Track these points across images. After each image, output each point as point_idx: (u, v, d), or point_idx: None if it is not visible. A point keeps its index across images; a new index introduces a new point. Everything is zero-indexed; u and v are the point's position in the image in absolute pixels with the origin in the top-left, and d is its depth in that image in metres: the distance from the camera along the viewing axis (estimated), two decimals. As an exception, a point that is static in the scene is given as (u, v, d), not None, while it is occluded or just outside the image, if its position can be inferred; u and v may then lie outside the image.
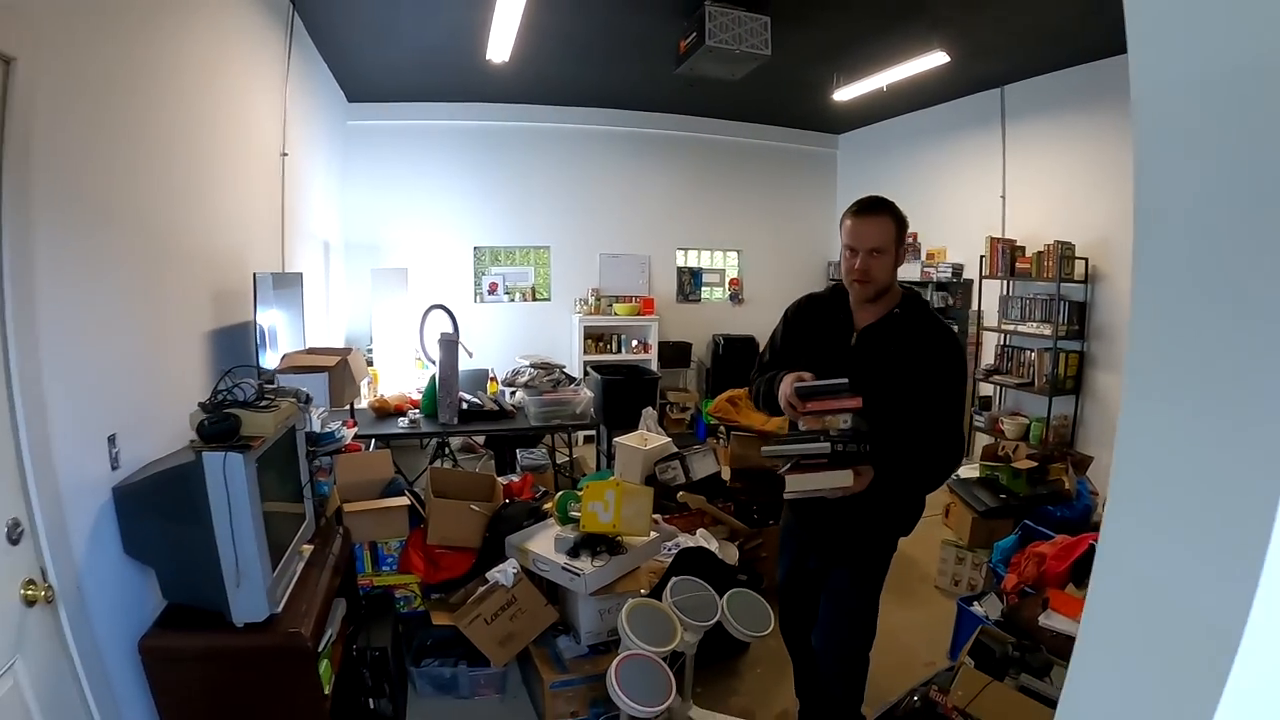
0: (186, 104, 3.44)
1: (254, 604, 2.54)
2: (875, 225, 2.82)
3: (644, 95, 8.56)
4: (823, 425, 2.70)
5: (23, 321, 2.07)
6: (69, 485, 2.27)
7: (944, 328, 2.91)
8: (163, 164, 3.14)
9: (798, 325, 3.12)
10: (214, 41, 3.87)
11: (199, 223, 3.53)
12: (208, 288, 3.62)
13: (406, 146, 8.56)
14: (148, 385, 2.90)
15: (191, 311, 3.43)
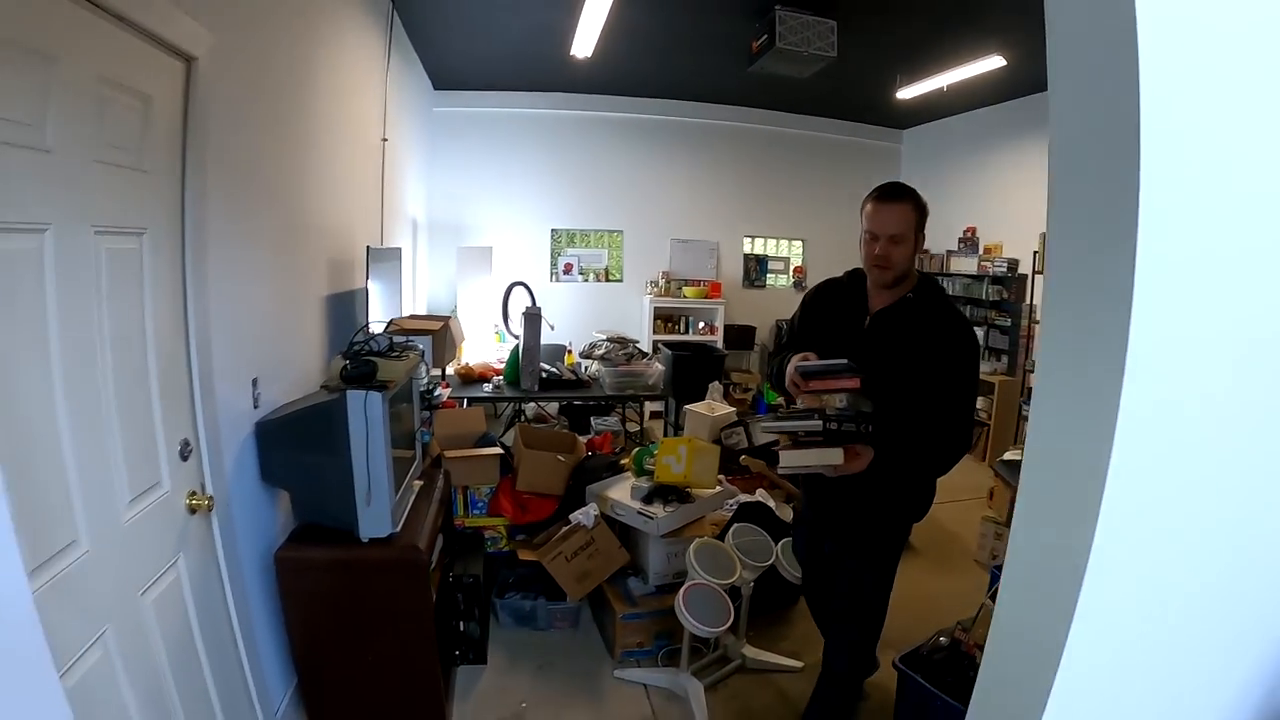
0: (314, 96, 3.91)
1: (379, 522, 2.99)
2: (896, 212, 2.85)
3: (716, 89, 8.84)
4: (820, 404, 2.81)
5: (197, 282, 2.53)
6: (224, 417, 2.74)
7: (957, 314, 2.95)
8: (298, 149, 3.62)
9: (815, 309, 3.18)
10: (335, 42, 4.33)
11: (319, 202, 3.98)
12: (325, 258, 4.08)
13: (488, 132, 8.93)
14: (281, 339, 3.38)
15: (314, 278, 3.89)
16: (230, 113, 2.76)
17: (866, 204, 2.90)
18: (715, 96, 9.24)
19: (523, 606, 4.33)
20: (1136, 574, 1.37)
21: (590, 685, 3.84)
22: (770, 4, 5.68)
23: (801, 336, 3.13)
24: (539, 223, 9.22)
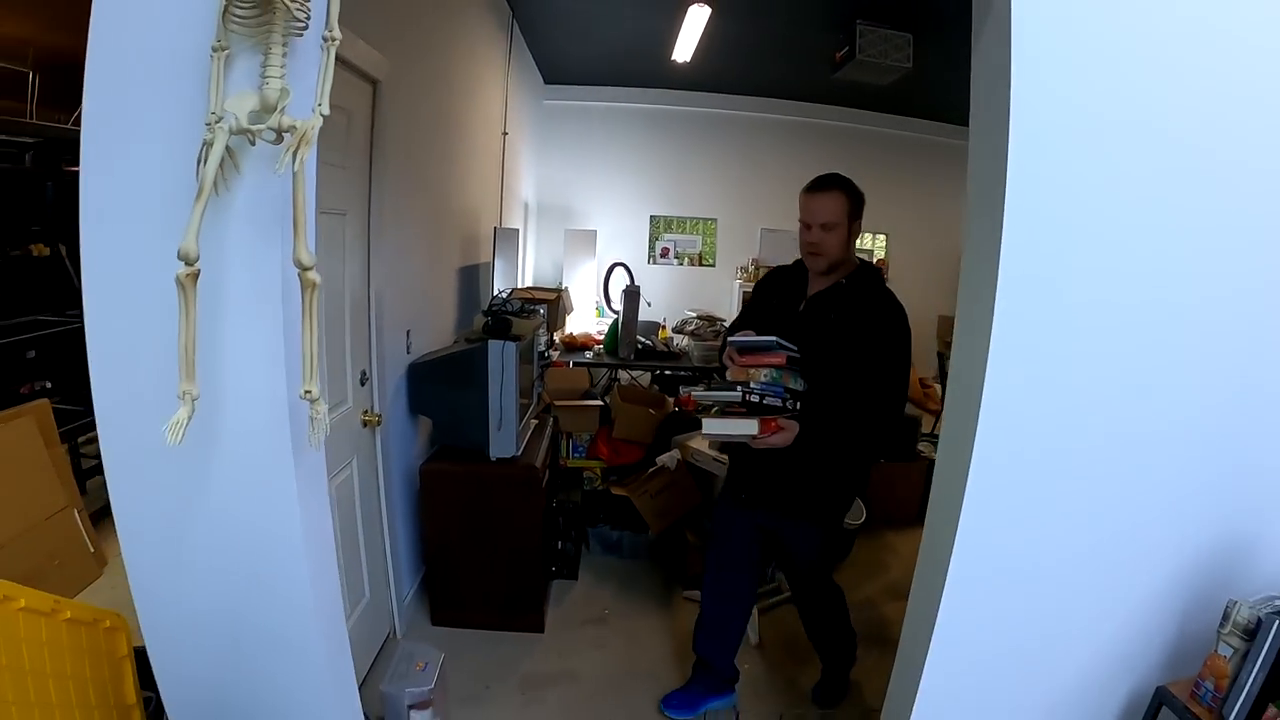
0: (455, 101, 4.73)
1: (506, 444, 3.79)
2: (827, 200, 2.97)
3: (803, 89, 9.36)
4: (746, 377, 2.88)
5: (377, 251, 3.40)
6: (389, 356, 3.57)
7: (888, 299, 3.03)
8: (442, 146, 4.43)
9: (762, 293, 3.36)
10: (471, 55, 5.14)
11: (455, 189, 4.79)
12: (459, 236, 4.89)
13: (593, 124, 9.62)
14: (426, 300, 4.21)
15: (450, 253, 4.71)
16: (399, 121, 3.58)
17: (802, 194, 3.04)
18: (802, 95, 9.72)
19: (610, 536, 5.08)
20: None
21: (662, 602, 4.52)
22: (852, 18, 6.26)
23: (745, 317, 3.37)
24: (639, 209, 9.88)
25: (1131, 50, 1.88)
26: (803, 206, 3.01)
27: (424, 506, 3.87)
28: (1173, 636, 2.34)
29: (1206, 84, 1.91)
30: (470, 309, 5.00)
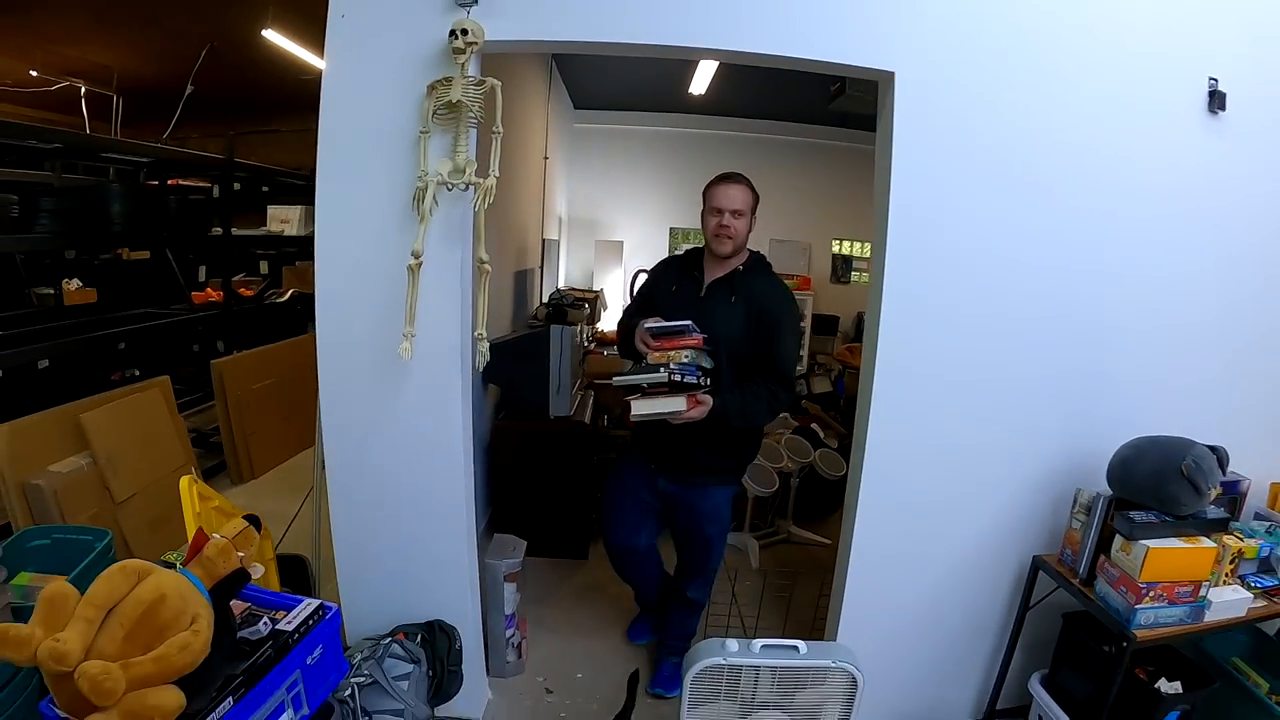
0: (515, 129, 5.71)
1: (562, 405, 4.88)
2: (737, 191, 3.33)
3: (803, 114, 10.11)
4: (666, 359, 3.10)
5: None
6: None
7: (780, 284, 3.45)
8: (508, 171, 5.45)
9: (659, 281, 3.62)
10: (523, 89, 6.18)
11: (513, 205, 5.79)
12: (513, 246, 5.93)
13: (619, 145, 10.36)
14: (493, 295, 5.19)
15: (509, 259, 5.73)
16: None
17: (709, 188, 3.41)
18: (804, 119, 10.40)
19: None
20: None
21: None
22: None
23: (643, 303, 3.60)
24: (660, 221, 10.61)
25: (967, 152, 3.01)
26: (714, 195, 3.35)
27: (494, 457, 4.94)
28: (1048, 520, 3.40)
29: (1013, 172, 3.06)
30: (521, 305, 6.02)
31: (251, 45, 7.13)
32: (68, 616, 1.71)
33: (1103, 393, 3.32)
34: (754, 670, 2.83)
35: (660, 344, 3.17)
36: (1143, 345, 3.31)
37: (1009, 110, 3.00)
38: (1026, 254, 3.13)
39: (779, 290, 3.44)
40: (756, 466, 5.28)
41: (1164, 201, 3.18)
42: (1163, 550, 2.75)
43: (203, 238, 7.32)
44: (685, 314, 3.23)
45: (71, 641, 1.65)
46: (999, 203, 3.08)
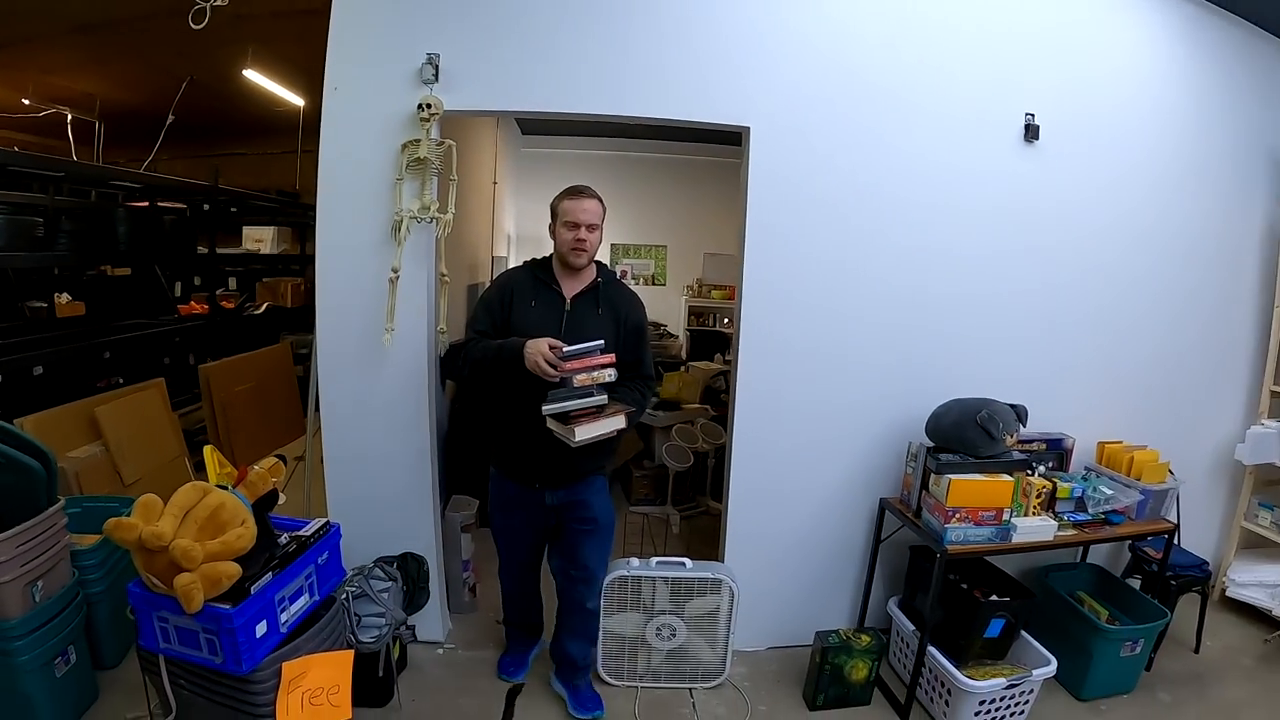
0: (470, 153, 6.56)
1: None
2: (593, 204, 3.45)
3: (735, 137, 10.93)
4: (591, 380, 3.14)
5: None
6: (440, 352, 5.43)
7: (632, 292, 3.65)
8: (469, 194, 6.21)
9: (513, 298, 3.49)
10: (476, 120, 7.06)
11: (466, 226, 6.56)
12: (466, 263, 6.75)
13: (564, 167, 10.57)
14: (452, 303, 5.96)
15: (462, 275, 6.53)
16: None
17: (562, 201, 3.50)
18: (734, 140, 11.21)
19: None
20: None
21: (621, 510, 6.24)
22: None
23: (501, 324, 3.49)
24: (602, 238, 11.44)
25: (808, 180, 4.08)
26: (570, 210, 3.43)
27: (451, 439, 5.75)
28: (893, 469, 4.44)
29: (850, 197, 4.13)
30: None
31: (230, 80, 7.85)
32: (158, 514, 2.62)
33: (933, 366, 4.36)
34: (651, 581, 3.79)
35: (575, 365, 3.14)
36: (966, 326, 4.41)
37: (845, 148, 4.11)
38: (866, 258, 4.21)
39: (635, 298, 3.64)
40: (675, 447, 6.20)
41: (986, 213, 4.33)
42: (964, 482, 3.76)
43: (190, 255, 8.13)
44: (553, 328, 3.33)
45: (166, 527, 2.57)
46: (839, 219, 4.16)
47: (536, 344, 3.16)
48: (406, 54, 3.68)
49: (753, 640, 4.45)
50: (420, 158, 3.66)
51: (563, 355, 3.15)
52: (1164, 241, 4.87)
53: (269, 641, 2.80)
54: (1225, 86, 4.91)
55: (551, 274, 3.56)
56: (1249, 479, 5.43)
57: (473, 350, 3.46)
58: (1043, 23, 4.30)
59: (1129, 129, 4.60)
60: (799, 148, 4.06)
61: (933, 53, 4.14)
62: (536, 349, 3.14)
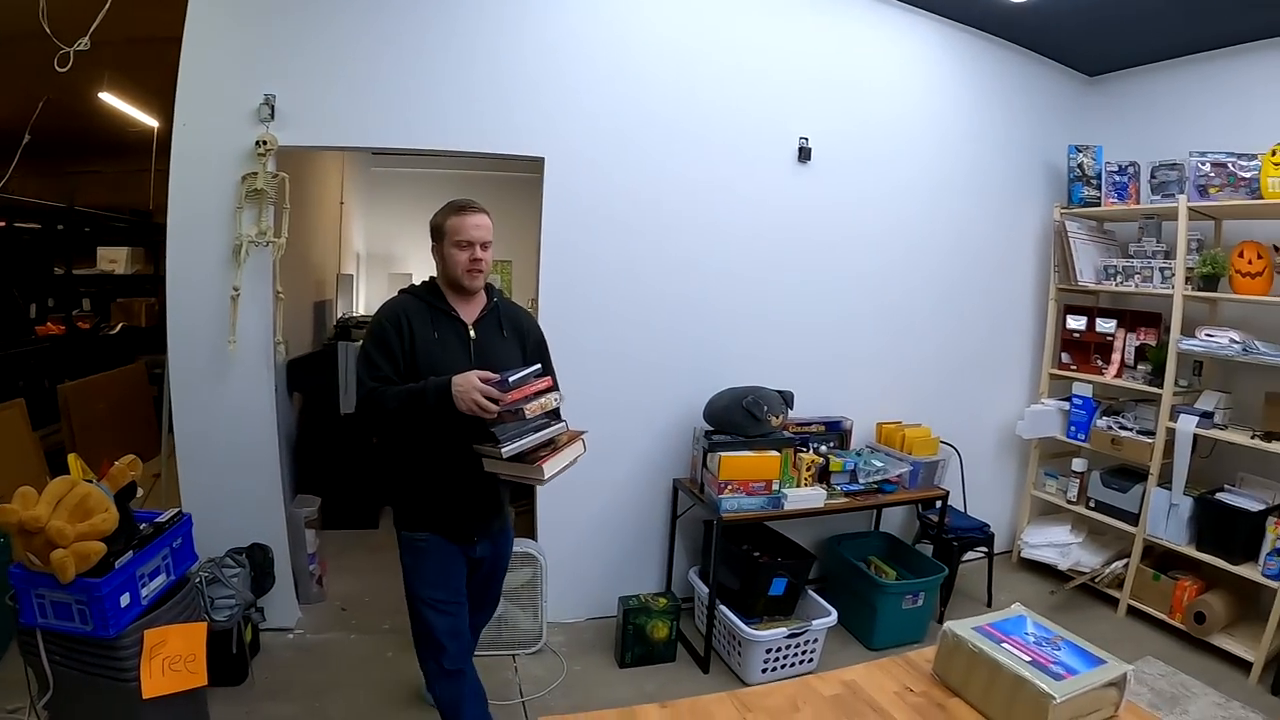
0: (315, 185, 6.97)
1: (350, 403, 6.11)
2: (485, 220, 3.13)
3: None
4: (542, 408, 2.95)
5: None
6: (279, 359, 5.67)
7: (522, 306, 3.52)
8: (306, 220, 6.62)
9: (408, 330, 3.02)
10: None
11: (310, 246, 6.96)
12: (312, 280, 7.11)
13: (412, 186, 10.69)
14: (296, 322, 6.37)
15: (308, 292, 6.91)
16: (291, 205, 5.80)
17: (449, 218, 3.10)
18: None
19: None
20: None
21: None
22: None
23: (404, 361, 3.00)
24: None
25: (598, 200, 4.72)
26: (460, 227, 3.06)
27: (300, 447, 6.16)
28: (686, 452, 5.04)
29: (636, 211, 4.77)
30: (320, 329, 7.19)
31: (87, 100, 7.89)
32: (35, 502, 3.05)
33: (715, 361, 5.00)
34: (472, 556, 4.26)
35: (514, 396, 2.81)
36: (745, 324, 5.10)
37: (633, 172, 4.80)
38: (653, 269, 4.86)
39: (528, 312, 3.52)
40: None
41: (765, 226, 5.07)
42: (733, 458, 4.40)
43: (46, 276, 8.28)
44: (463, 360, 2.97)
45: (42, 511, 2.99)
46: (628, 235, 4.82)
47: (466, 379, 2.76)
48: (247, 95, 4.12)
49: (570, 612, 4.99)
50: (258, 188, 4.11)
51: (504, 386, 2.79)
52: (946, 243, 5.77)
53: (132, 611, 3.23)
54: (1001, 104, 5.91)
55: (444, 299, 3.16)
56: (1034, 452, 6.33)
57: (387, 398, 2.88)
58: (818, 51, 5.12)
59: (906, 143, 5.49)
60: (591, 173, 4.71)
61: (716, 88, 4.88)
62: (468, 385, 2.74)
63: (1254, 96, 5.35)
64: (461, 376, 2.77)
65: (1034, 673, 1.77)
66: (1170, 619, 5.16)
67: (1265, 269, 4.83)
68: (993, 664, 1.85)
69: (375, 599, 5.20)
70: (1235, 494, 5.02)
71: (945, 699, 1.93)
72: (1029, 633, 2.01)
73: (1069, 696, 1.71)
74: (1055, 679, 1.75)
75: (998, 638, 1.95)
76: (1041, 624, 2.07)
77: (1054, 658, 1.87)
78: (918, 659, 2.09)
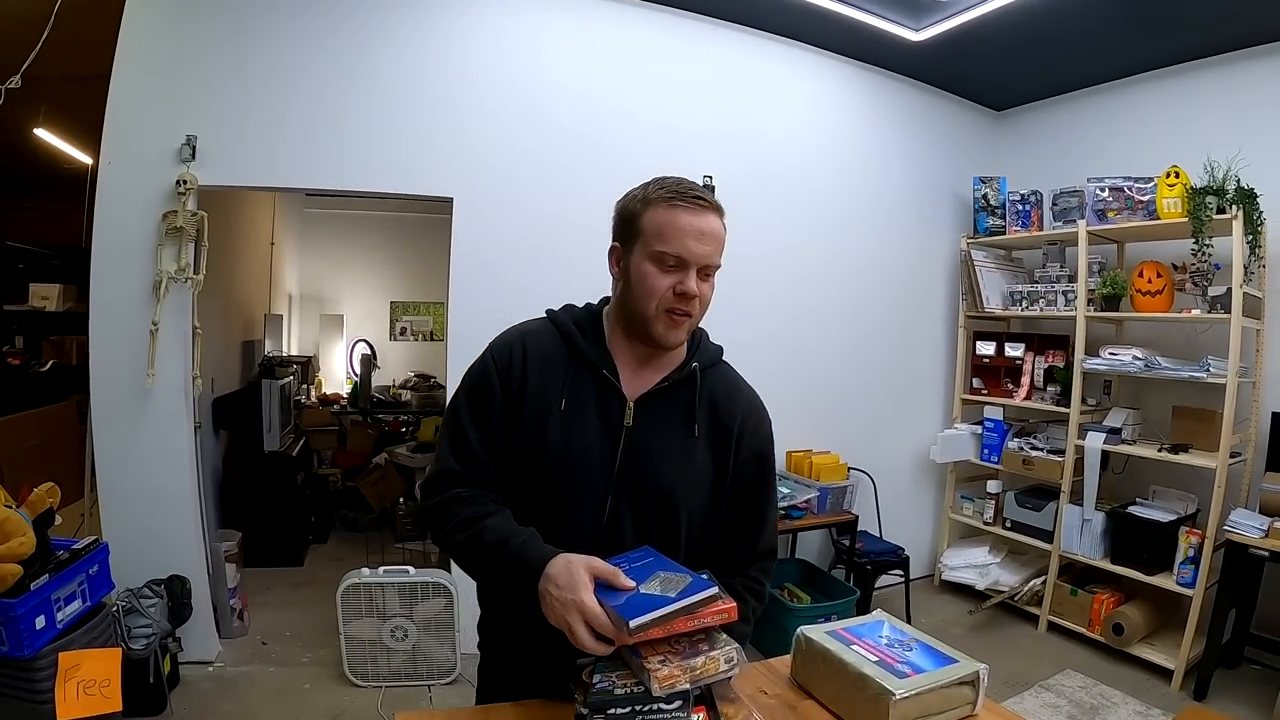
0: (238, 221, 7.07)
1: (273, 441, 6.25)
2: (716, 224, 1.78)
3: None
4: (691, 676, 1.45)
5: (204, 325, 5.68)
6: (204, 396, 5.55)
7: (749, 387, 2.04)
8: (237, 260, 6.77)
9: (524, 394, 1.81)
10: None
11: (240, 286, 7.06)
12: (241, 319, 7.20)
13: (346, 228, 11.26)
14: (224, 360, 6.48)
15: (236, 331, 7.00)
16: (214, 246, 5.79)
17: (654, 207, 1.75)
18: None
19: (348, 516, 7.58)
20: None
21: (386, 549, 6.86)
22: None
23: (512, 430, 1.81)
24: (381, 296, 11.59)
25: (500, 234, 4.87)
26: (671, 227, 1.73)
27: (225, 485, 6.22)
28: None
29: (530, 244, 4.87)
30: (248, 367, 7.15)
31: (21, 135, 7.86)
32: (-46, 529, 3.14)
33: None
34: (381, 587, 4.37)
35: (652, 637, 1.44)
36: None
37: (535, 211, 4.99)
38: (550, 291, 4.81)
39: (755, 397, 2.04)
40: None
41: None
42: None
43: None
44: (603, 462, 1.78)
45: (-40, 536, 3.09)
46: (534, 271, 4.94)
47: (571, 575, 1.51)
48: (170, 134, 4.27)
49: (488, 641, 5.01)
50: (178, 226, 4.24)
51: (630, 625, 1.40)
52: (854, 276, 6.07)
53: (47, 634, 3.31)
54: (909, 139, 6.30)
55: (603, 345, 1.88)
56: (950, 476, 6.57)
57: (454, 524, 1.73)
58: (724, 91, 5.45)
59: (812, 179, 5.84)
60: (498, 214, 4.95)
61: (620, 131, 5.15)
62: (572, 590, 1.48)
63: (1149, 124, 5.79)
64: (567, 566, 1.53)
65: (878, 671, 1.81)
66: (1090, 632, 5.39)
67: (1165, 287, 5.14)
68: (840, 664, 1.89)
69: (296, 633, 5.23)
70: (1147, 507, 5.29)
71: (798, 701, 1.96)
72: (883, 635, 2.05)
73: (911, 693, 1.74)
74: (899, 676, 1.79)
75: (849, 640, 1.99)
76: (899, 628, 2.10)
77: (902, 658, 1.90)
78: (778, 664, 2.12)
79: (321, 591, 5.57)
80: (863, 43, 5.68)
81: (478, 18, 4.85)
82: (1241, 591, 4.84)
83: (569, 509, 1.78)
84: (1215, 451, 4.83)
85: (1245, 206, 4.77)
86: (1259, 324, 5.10)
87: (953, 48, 5.59)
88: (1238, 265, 4.70)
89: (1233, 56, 5.37)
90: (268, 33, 4.42)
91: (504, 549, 1.63)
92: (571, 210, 4.98)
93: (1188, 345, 5.29)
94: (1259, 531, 4.50)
